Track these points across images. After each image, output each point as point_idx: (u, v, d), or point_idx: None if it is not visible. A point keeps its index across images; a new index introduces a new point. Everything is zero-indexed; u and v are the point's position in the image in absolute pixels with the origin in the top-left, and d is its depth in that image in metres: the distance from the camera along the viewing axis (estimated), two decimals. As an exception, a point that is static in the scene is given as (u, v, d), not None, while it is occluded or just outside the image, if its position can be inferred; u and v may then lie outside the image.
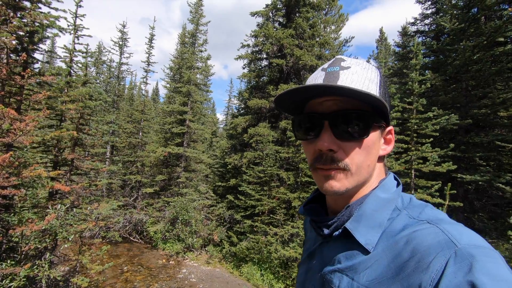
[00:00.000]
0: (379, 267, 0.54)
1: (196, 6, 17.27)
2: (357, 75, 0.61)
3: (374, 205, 0.61)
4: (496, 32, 8.18)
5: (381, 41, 29.94)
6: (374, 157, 0.65)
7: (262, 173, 11.38)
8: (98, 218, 9.65)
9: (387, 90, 0.66)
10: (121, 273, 10.16)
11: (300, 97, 0.65)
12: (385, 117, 0.65)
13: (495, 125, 8.88)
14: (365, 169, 0.62)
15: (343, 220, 0.63)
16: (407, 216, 0.57)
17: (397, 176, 0.70)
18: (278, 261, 9.83)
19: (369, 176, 0.65)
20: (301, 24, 12.39)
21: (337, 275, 0.60)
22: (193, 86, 15.59)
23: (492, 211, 8.72)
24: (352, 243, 0.60)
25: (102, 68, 25.75)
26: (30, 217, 6.62)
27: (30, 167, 6.39)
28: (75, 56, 9.06)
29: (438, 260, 0.46)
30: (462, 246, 0.46)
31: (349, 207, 0.63)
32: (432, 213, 0.56)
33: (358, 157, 0.61)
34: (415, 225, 0.54)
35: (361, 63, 0.65)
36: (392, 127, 0.69)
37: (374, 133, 0.63)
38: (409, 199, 0.63)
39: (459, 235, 0.48)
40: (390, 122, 0.68)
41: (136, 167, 16.28)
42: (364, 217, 0.60)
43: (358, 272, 0.56)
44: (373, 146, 0.63)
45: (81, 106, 8.41)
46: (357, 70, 0.62)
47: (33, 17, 6.59)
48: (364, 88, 0.60)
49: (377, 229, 0.58)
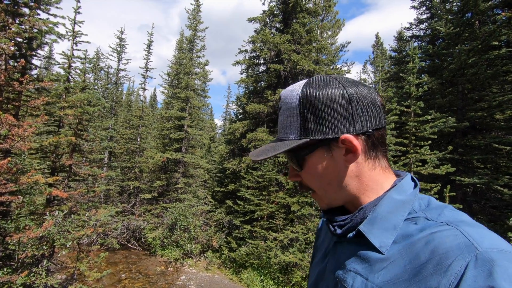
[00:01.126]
0: (395, 268, 0.53)
1: (194, 13, 17.43)
2: (282, 115, 0.68)
3: (389, 207, 0.60)
4: (490, 36, 8.30)
5: (377, 46, 30.26)
6: (336, 174, 0.63)
7: (261, 178, 11.36)
8: (96, 225, 9.56)
9: (326, 102, 0.60)
10: (119, 280, 10.03)
11: None
12: (322, 140, 0.61)
13: (492, 127, 8.94)
14: (328, 187, 0.65)
15: (357, 222, 0.62)
16: (425, 218, 0.56)
17: (414, 177, 0.68)
18: (277, 267, 9.75)
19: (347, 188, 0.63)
20: (298, 30, 12.51)
21: (351, 275, 0.60)
22: (191, 91, 15.63)
23: (491, 214, 8.72)
24: (366, 244, 0.60)
25: (100, 74, 25.81)
26: (27, 224, 6.55)
27: (28, 173, 6.35)
28: (73, 62, 9.07)
29: (457, 263, 0.44)
30: (484, 249, 0.44)
31: (363, 208, 0.63)
32: (452, 215, 0.55)
33: (313, 182, 0.66)
34: (434, 227, 0.52)
35: (288, 95, 0.66)
36: (346, 136, 0.60)
37: (316, 157, 0.64)
38: (427, 201, 0.62)
39: (481, 238, 0.47)
40: (340, 130, 0.61)
41: (134, 173, 16.21)
42: (379, 219, 0.60)
43: (372, 272, 0.56)
44: (325, 168, 0.63)
45: (79, 112, 8.39)
46: (283, 112, 0.67)
47: (31, 24, 6.61)
48: (286, 128, 0.66)
49: (391, 231, 0.58)
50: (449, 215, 0.55)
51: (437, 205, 0.59)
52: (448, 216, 0.54)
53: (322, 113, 0.61)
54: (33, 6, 6.81)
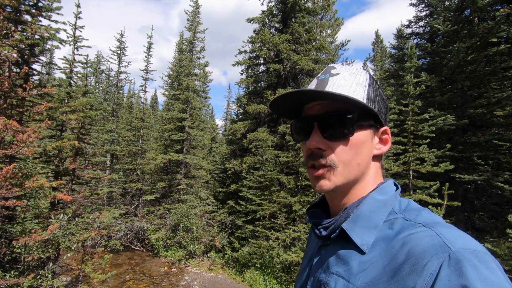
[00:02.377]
0: (375, 269, 0.54)
1: (193, 14, 17.50)
2: (345, 80, 0.66)
3: (371, 206, 0.63)
4: (489, 33, 8.31)
5: (377, 43, 30.21)
6: (365, 156, 0.67)
7: (262, 178, 11.42)
8: (100, 227, 9.67)
9: (379, 92, 0.69)
10: (123, 281, 10.15)
11: (292, 101, 0.71)
12: (376, 118, 0.68)
13: (492, 124, 8.95)
14: (354, 167, 0.65)
15: (340, 222, 0.64)
16: (403, 219, 0.58)
17: (396, 182, 0.71)
18: (280, 266, 9.83)
19: (361, 174, 0.67)
20: (297, 29, 12.55)
21: (333, 278, 0.61)
22: (192, 93, 15.71)
23: (492, 210, 8.74)
24: (349, 245, 0.61)
25: (101, 77, 25.93)
26: (33, 228, 6.67)
27: (32, 177, 6.45)
28: (75, 66, 9.17)
29: (432, 263, 0.46)
30: (456, 249, 0.46)
31: (346, 209, 0.65)
32: (429, 217, 0.57)
33: (345, 155, 0.64)
34: (411, 228, 0.54)
35: (351, 69, 0.69)
36: (388, 128, 0.71)
37: (363, 132, 0.66)
38: (406, 203, 0.64)
39: (454, 238, 0.48)
40: (385, 122, 0.71)
41: (136, 175, 16.32)
42: (361, 218, 0.62)
43: (354, 274, 0.57)
44: (363, 145, 0.66)
45: (82, 116, 8.49)
46: (345, 75, 0.67)
47: (34, 30, 6.71)
48: (351, 91, 0.64)
49: (372, 230, 0.60)
50: (426, 216, 0.57)
51: (416, 207, 0.62)
52: (425, 217, 0.57)
53: (383, 100, 0.71)
54: (35, 13, 6.90)
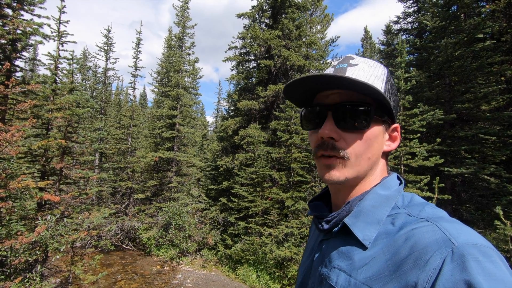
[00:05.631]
0: (377, 264, 0.54)
1: (182, 9, 17.19)
2: (364, 71, 0.65)
3: (374, 201, 0.62)
4: (475, 29, 8.47)
5: (366, 39, 30.45)
6: (376, 151, 0.66)
7: (254, 174, 11.40)
8: (90, 227, 9.47)
9: (394, 88, 0.69)
10: (114, 282, 9.99)
11: (307, 87, 0.67)
12: (390, 113, 0.67)
13: (478, 118, 9.15)
14: (365, 160, 0.64)
15: (343, 216, 0.64)
16: (407, 214, 0.58)
17: (400, 176, 0.71)
18: (273, 262, 9.86)
19: (369, 169, 0.66)
20: (288, 25, 12.50)
21: (335, 272, 0.60)
22: (182, 89, 15.50)
23: (479, 202, 8.97)
24: (350, 240, 0.61)
25: (88, 74, 25.30)
26: (19, 230, 6.46)
27: (17, 178, 6.24)
28: (60, 63, 8.88)
29: (435, 258, 0.46)
30: (460, 244, 0.46)
31: (349, 203, 0.64)
32: (432, 211, 0.56)
33: (358, 148, 0.63)
34: (414, 223, 0.54)
35: (369, 61, 0.68)
36: (399, 125, 0.71)
37: (377, 127, 0.65)
38: (410, 198, 0.64)
39: (457, 233, 0.48)
40: (396, 119, 0.71)
41: (126, 173, 16.05)
42: (363, 213, 0.61)
43: (356, 268, 0.57)
44: (375, 140, 0.65)
45: (68, 114, 8.25)
46: (364, 67, 0.66)
47: (15, 25, 6.44)
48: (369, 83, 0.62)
49: (375, 225, 0.59)
50: (429, 211, 0.57)
51: (419, 202, 0.62)
52: (428, 212, 0.56)
53: (397, 97, 0.71)
54: (16, 7, 6.62)
